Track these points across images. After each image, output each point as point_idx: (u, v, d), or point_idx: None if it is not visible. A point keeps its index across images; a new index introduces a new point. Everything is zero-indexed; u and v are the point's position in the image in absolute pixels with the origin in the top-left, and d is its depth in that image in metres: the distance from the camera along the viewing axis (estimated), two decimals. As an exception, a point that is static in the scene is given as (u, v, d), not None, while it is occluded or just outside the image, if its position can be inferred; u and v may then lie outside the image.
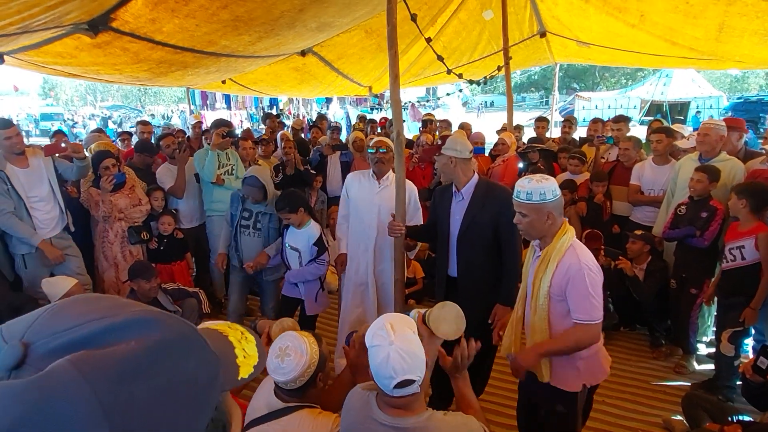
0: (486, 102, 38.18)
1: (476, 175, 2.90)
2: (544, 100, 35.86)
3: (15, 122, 4.20)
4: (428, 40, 4.34)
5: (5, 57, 4.12)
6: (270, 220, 3.64)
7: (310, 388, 1.83)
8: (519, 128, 6.69)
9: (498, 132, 6.15)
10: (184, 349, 0.46)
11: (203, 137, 5.91)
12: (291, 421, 1.78)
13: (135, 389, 0.40)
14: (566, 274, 2.10)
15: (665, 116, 21.12)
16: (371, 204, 3.38)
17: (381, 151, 3.37)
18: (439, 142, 3.13)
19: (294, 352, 1.79)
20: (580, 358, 2.21)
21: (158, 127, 10.62)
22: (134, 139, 6.32)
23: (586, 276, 2.06)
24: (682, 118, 21.66)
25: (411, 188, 3.36)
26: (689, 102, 23.29)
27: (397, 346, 1.45)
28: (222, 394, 0.49)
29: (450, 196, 2.93)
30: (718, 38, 5.21)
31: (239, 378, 0.52)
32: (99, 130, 6.39)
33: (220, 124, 4.61)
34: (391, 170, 3.37)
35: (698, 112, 22.24)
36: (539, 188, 2.11)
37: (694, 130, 6.12)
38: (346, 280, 3.56)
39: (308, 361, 1.79)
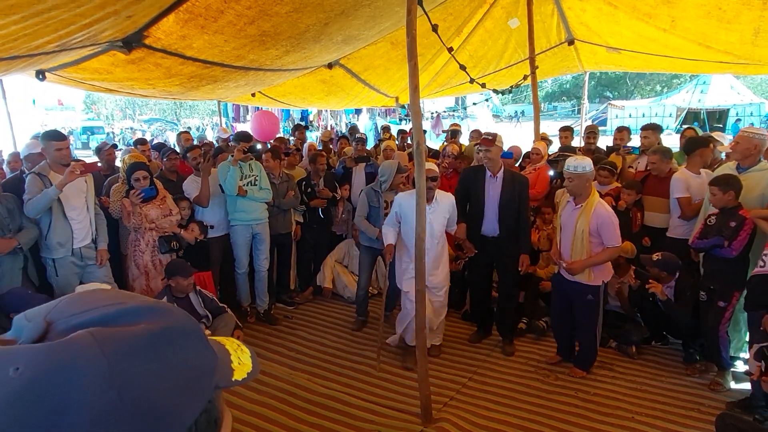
0: (517, 111, 37.75)
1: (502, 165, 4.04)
2: (576, 109, 35.20)
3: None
4: (450, 49, 4.34)
5: (47, 74, 4.33)
6: None
7: None
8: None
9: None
10: (186, 339, 0.50)
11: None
12: None
13: (141, 365, 0.45)
14: (598, 220, 3.52)
15: (703, 124, 20.49)
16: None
17: (432, 180, 3.72)
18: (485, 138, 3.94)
19: None
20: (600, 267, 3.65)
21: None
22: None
23: (612, 220, 3.53)
24: (720, 126, 20.94)
25: (451, 201, 3.96)
26: (728, 109, 22.52)
27: None
28: (216, 390, 0.52)
29: (483, 177, 4.02)
30: (754, 42, 5.05)
31: (233, 379, 0.55)
32: (142, 141, 6.46)
33: (242, 137, 4.68)
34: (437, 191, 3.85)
35: (738, 119, 21.47)
36: (582, 163, 3.52)
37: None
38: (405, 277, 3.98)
39: None
